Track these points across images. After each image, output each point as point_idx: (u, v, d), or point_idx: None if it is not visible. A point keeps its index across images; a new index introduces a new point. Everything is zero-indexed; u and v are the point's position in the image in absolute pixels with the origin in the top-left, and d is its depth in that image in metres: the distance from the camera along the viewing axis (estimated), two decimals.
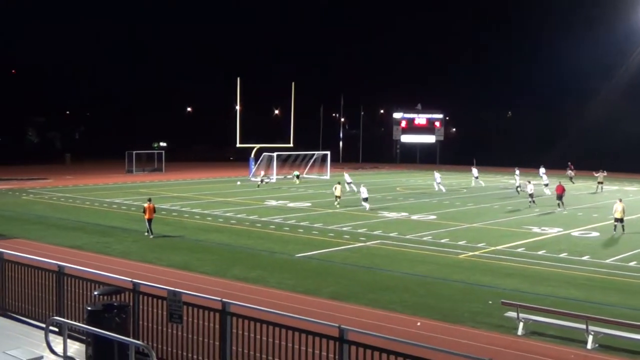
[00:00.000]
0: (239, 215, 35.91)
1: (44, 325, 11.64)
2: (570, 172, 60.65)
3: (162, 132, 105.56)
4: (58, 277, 12.53)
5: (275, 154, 61.81)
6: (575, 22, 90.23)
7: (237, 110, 63.95)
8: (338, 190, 41.05)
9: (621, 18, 78.94)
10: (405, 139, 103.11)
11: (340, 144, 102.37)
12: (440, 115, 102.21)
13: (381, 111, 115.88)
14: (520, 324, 15.85)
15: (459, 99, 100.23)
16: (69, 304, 12.35)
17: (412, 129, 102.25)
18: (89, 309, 10.71)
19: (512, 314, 16.12)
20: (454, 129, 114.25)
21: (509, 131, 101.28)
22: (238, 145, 63.85)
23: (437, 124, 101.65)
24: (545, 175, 51.57)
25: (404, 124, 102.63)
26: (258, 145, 65.23)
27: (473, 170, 58.04)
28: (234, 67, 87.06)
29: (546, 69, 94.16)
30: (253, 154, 64.68)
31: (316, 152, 70.42)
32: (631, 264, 24.33)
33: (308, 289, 19.91)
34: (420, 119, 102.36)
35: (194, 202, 41.84)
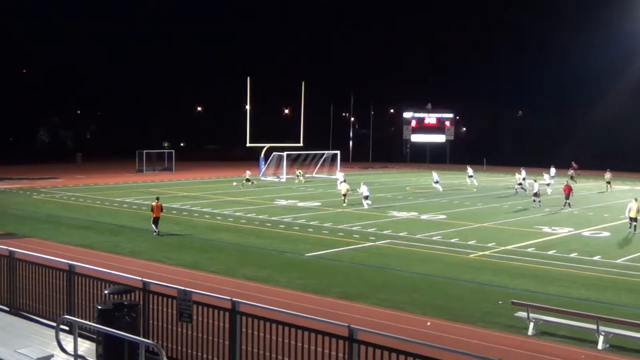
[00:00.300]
0: (248, 215, 35.96)
1: (54, 324, 11.69)
2: (571, 171, 60.73)
3: (173, 132, 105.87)
4: (69, 276, 12.58)
5: (285, 154, 61.84)
6: (585, 22, 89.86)
7: (247, 109, 64.06)
8: (344, 189, 41.63)
9: (631, 18, 78.63)
10: (415, 138, 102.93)
11: (350, 143, 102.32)
12: (451, 115, 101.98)
13: (391, 110, 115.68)
14: (531, 324, 15.80)
15: (469, 98, 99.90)
16: (80, 302, 12.39)
17: (422, 128, 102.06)
18: (100, 307, 10.74)
19: (523, 314, 16.06)
20: (464, 129, 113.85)
21: (520, 131, 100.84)
22: (248, 144, 63.97)
23: (447, 123, 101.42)
24: (547, 175, 51.51)
25: (414, 123, 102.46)
26: (268, 145, 65.31)
27: (468, 170, 57.96)
28: (244, 67, 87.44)
29: (557, 68, 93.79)
30: (263, 153, 64.76)
31: (326, 152, 70.42)
32: None
33: (318, 289, 19.91)
34: (430, 118, 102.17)
35: (203, 202, 41.93)
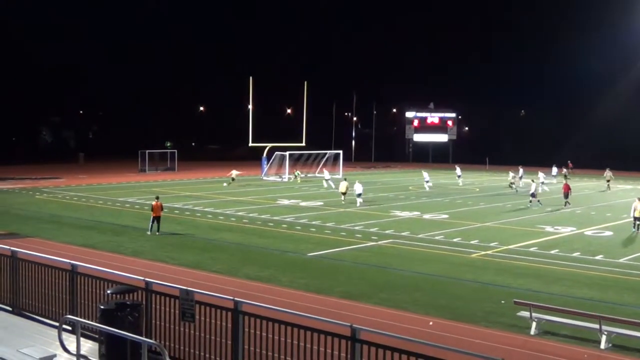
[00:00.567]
0: (251, 215, 35.96)
1: (57, 323, 11.73)
2: (565, 170, 60.84)
3: (174, 132, 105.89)
4: (71, 276, 12.60)
5: (287, 153, 61.82)
6: (586, 22, 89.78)
7: (250, 109, 64.04)
8: (343, 187, 41.58)
9: (633, 18, 78.54)
10: (417, 138, 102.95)
11: (353, 143, 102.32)
12: (453, 114, 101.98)
13: (394, 110, 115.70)
14: (533, 324, 15.78)
15: (471, 98, 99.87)
16: (82, 302, 12.41)
17: (425, 128, 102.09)
18: (102, 307, 10.76)
19: (525, 314, 16.04)
20: (467, 128, 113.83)
21: (522, 130, 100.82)
22: (250, 144, 63.96)
23: (450, 123, 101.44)
24: (542, 174, 51.56)
25: (416, 123, 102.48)
26: (270, 145, 65.30)
27: (457, 169, 57.90)
28: (245, 67, 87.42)
29: (559, 68, 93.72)
30: (265, 153, 64.76)
31: (328, 151, 70.40)
32: None
33: (320, 288, 19.89)
34: (432, 117, 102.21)
35: (206, 201, 41.94)
